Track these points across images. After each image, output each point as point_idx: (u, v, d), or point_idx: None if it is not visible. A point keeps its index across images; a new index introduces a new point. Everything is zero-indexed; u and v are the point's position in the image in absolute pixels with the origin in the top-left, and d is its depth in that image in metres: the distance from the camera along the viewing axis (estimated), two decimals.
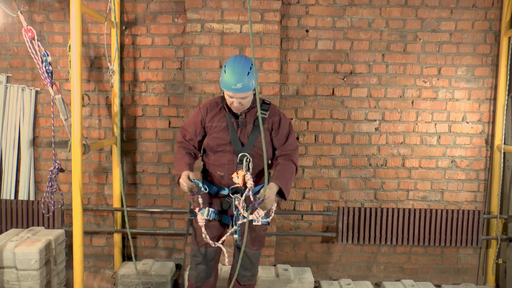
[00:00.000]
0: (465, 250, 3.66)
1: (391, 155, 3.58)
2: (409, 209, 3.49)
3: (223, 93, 2.42)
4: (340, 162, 3.58)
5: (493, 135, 3.53)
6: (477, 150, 3.58)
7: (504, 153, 3.44)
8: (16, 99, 3.52)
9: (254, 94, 2.41)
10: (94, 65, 3.57)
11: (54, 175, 2.92)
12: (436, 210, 3.49)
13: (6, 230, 3.45)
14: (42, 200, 3.01)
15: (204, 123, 2.50)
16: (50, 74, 2.76)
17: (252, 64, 2.31)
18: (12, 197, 3.54)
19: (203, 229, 2.45)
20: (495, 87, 3.53)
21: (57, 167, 2.93)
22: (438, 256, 3.67)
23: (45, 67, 2.74)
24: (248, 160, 2.38)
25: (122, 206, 3.58)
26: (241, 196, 2.37)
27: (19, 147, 3.56)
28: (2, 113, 3.50)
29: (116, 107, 3.43)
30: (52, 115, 3.08)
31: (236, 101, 2.34)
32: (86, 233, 3.40)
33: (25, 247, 2.93)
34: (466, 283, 3.54)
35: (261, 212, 2.37)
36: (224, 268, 3.26)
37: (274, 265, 3.49)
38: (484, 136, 3.58)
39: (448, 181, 3.60)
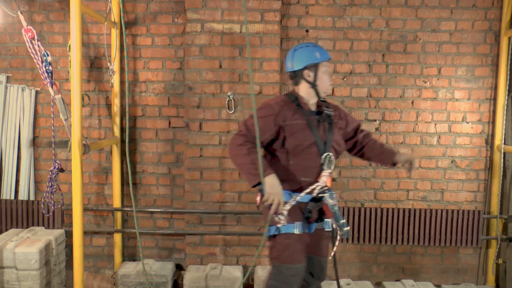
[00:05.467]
0: (465, 250, 3.66)
1: None
2: (409, 209, 3.49)
3: (292, 91, 2.36)
4: (340, 162, 3.58)
5: (493, 135, 3.53)
6: (477, 150, 3.58)
7: (504, 153, 3.44)
8: (16, 99, 3.51)
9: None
10: (94, 65, 3.57)
11: (54, 175, 2.92)
12: (436, 210, 3.49)
13: (6, 230, 3.45)
14: (42, 200, 3.01)
15: (280, 122, 2.22)
16: (50, 74, 2.76)
17: None
18: (12, 197, 3.54)
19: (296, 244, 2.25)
20: (495, 87, 3.52)
21: (57, 167, 2.93)
22: (438, 256, 3.67)
23: (45, 67, 2.74)
24: (331, 159, 2.26)
25: (123, 206, 3.59)
26: (331, 195, 2.25)
27: (19, 147, 3.56)
28: (2, 113, 3.50)
29: (116, 107, 3.44)
30: (52, 115, 3.08)
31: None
32: (86, 233, 3.39)
33: (25, 247, 2.93)
34: (466, 283, 3.54)
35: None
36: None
37: None
38: (484, 136, 3.58)
39: (448, 181, 3.60)
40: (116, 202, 3.54)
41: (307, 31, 3.49)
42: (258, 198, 2.36)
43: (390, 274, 3.68)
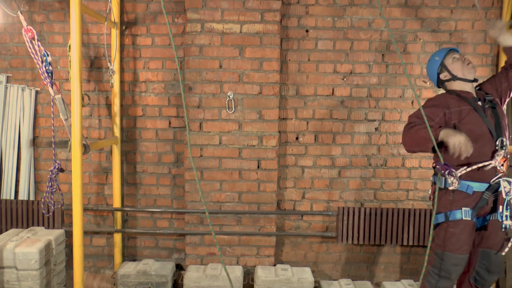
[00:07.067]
0: None
1: (391, 155, 3.58)
2: (409, 209, 3.49)
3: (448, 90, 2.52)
4: (340, 162, 3.58)
5: None
6: None
7: None
8: (16, 99, 3.52)
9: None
10: (94, 65, 3.57)
11: (54, 175, 2.92)
12: None
13: (6, 230, 3.45)
14: (42, 200, 3.01)
15: (446, 109, 2.35)
16: (50, 74, 2.76)
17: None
18: (12, 197, 3.54)
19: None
20: None
21: (57, 167, 2.92)
22: None
23: (45, 67, 2.73)
24: (505, 143, 2.28)
25: (123, 206, 3.59)
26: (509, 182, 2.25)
27: (19, 147, 3.56)
28: (2, 113, 3.50)
29: (116, 107, 3.44)
30: (52, 115, 3.07)
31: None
32: (86, 233, 3.40)
33: (25, 247, 2.93)
34: None
35: None
36: None
37: (274, 265, 3.49)
38: None
39: None
40: (116, 202, 3.54)
41: (307, 31, 3.49)
42: (431, 191, 2.49)
43: (390, 274, 3.69)
